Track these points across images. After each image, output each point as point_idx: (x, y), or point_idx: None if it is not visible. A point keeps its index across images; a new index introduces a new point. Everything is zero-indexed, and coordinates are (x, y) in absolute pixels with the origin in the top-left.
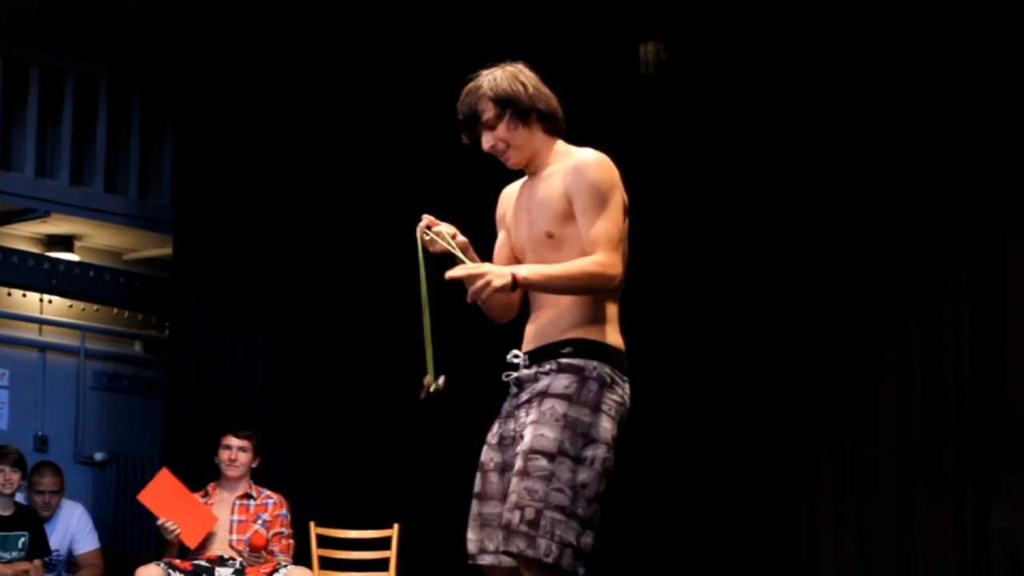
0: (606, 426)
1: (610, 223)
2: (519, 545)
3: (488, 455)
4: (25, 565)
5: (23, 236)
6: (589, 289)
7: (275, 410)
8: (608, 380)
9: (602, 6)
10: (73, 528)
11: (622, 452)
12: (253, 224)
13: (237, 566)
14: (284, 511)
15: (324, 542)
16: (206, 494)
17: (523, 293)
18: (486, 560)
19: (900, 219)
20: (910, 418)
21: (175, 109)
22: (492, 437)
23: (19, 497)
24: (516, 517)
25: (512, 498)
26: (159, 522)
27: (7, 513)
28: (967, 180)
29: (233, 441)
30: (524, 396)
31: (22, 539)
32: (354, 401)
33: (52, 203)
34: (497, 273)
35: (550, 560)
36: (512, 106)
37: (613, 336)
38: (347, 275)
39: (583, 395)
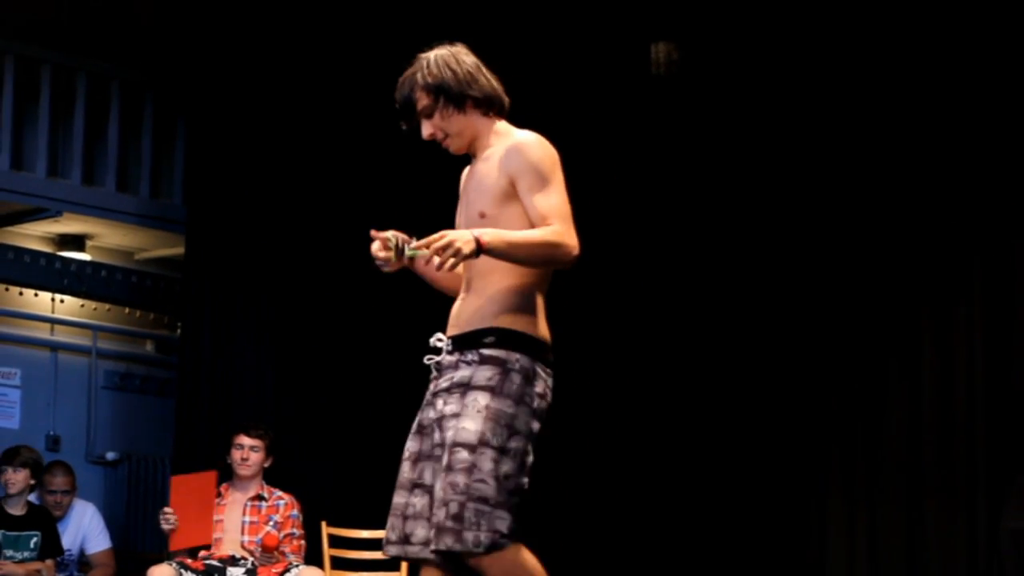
0: (527, 419)
1: (559, 199)
2: (447, 542)
3: (408, 444)
4: (37, 565)
5: (35, 236)
6: (549, 260)
7: (286, 409)
8: (531, 373)
9: (613, 6)
10: (85, 528)
11: (632, 452)
12: (265, 224)
13: (249, 566)
14: (295, 512)
15: (336, 542)
16: (219, 495)
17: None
18: (390, 551)
19: (912, 221)
20: (921, 419)
21: (187, 109)
22: (414, 424)
23: (31, 497)
24: (442, 514)
25: (438, 495)
26: (164, 509)
27: (19, 513)
28: (979, 183)
29: (245, 440)
30: (443, 383)
31: (34, 539)
32: (365, 400)
33: (64, 202)
34: (463, 239)
35: (480, 550)
36: (445, 93)
37: (538, 327)
38: (358, 274)
39: (506, 387)
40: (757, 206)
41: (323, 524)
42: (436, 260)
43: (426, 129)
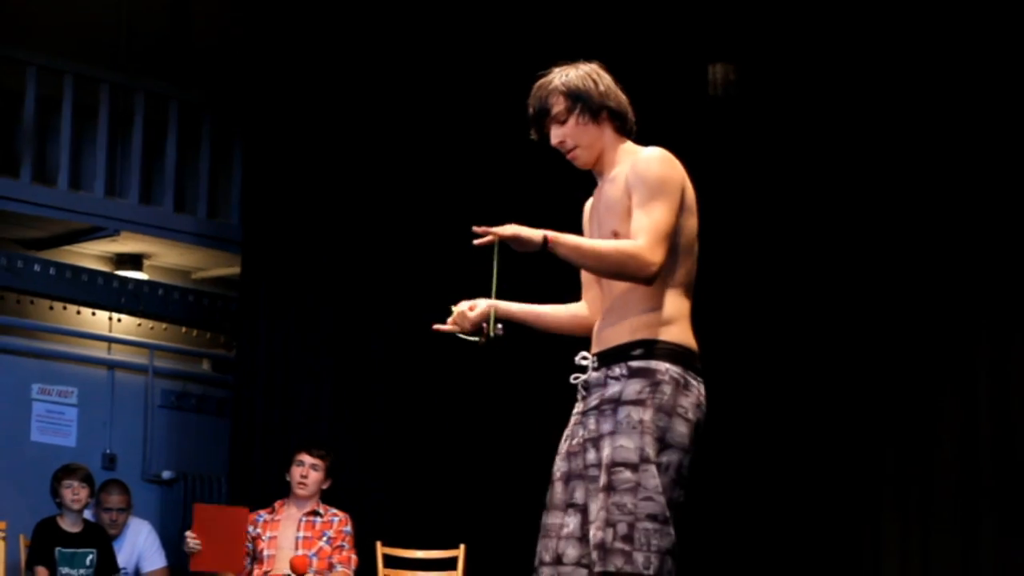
0: (682, 430)
1: (659, 215)
2: (617, 563)
3: (556, 465)
4: None
5: (93, 254)
6: (619, 272)
7: (342, 429)
8: (681, 382)
9: (672, 27)
10: (141, 546)
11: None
12: (320, 243)
13: None
14: (348, 528)
15: (390, 562)
16: (272, 511)
17: (595, 307)
18: (544, 573)
19: (972, 244)
20: (977, 441)
21: (244, 129)
22: (562, 446)
23: (87, 514)
24: (609, 535)
25: (601, 515)
26: (187, 533)
27: (76, 530)
28: None
29: (307, 458)
30: (593, 401)
31: (90, 556)
32: (422, 420)
33: (122, 222)
34: (527, 232)
35: (650, 572)
36: (583, 101)
37: (684, 336)
38: (415, 293)
39: (657, 399)
40: (815, 226)
41: (378, 544)
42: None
43: (556, 136)
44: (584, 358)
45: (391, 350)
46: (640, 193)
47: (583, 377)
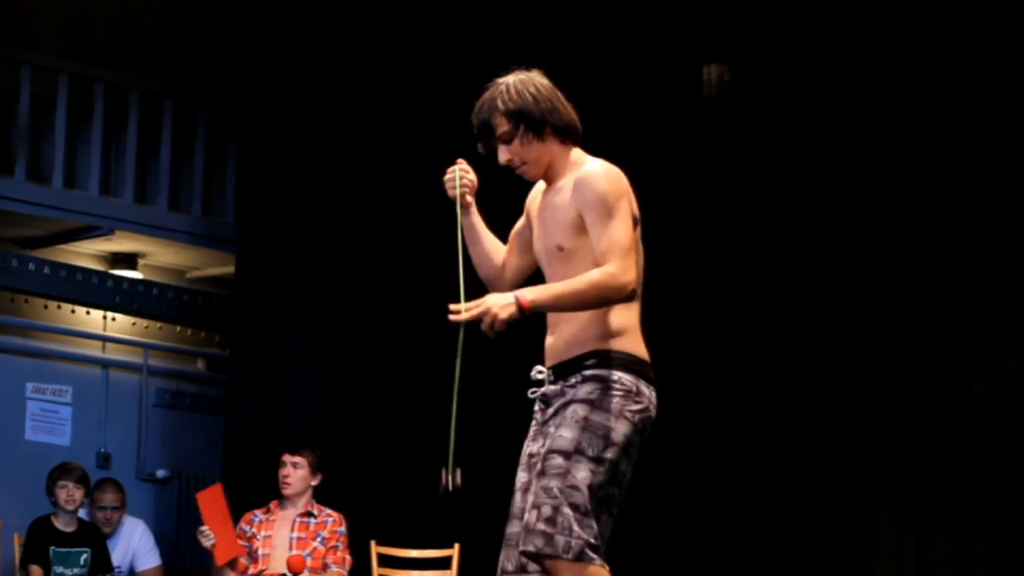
0: (625, 432)
1: (619, 232)
2: (537, 544)
3: (518, 475)
4: None
5: (87, 253)
6: (602, 301)
7: (336, 428)
8: (633, 389)
9: (666, 28)
10: (135, 545)
11: (676, 472)
12: (315, 242)
13: None
14: (342, 528)
15: (385, 561)
16: (268, 511)
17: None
18: None
19: (964, 239)
20: (972, 438)
21: (238, 128)
22: (522, 456)
23: (81, 513)
24: (533, 516)
25: (530, 498)
26: (201, 528)
27: (70, 529)
28: None
29: (287, 458)
30: (550, 412)
31: (84, 555)
32: (416, 418)
33: (116, 221)
34: (500, 304)
35: (569, 556)
36: (526, 121)
37: (635, 346)
38: (410, 293)
39: (605, 401)
40: (808, 226)
41: (372, 543)
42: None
43: (503, 155)
44: (540, 372)
45: (385, 349)
46: (594, 213)
47: (540, 390)
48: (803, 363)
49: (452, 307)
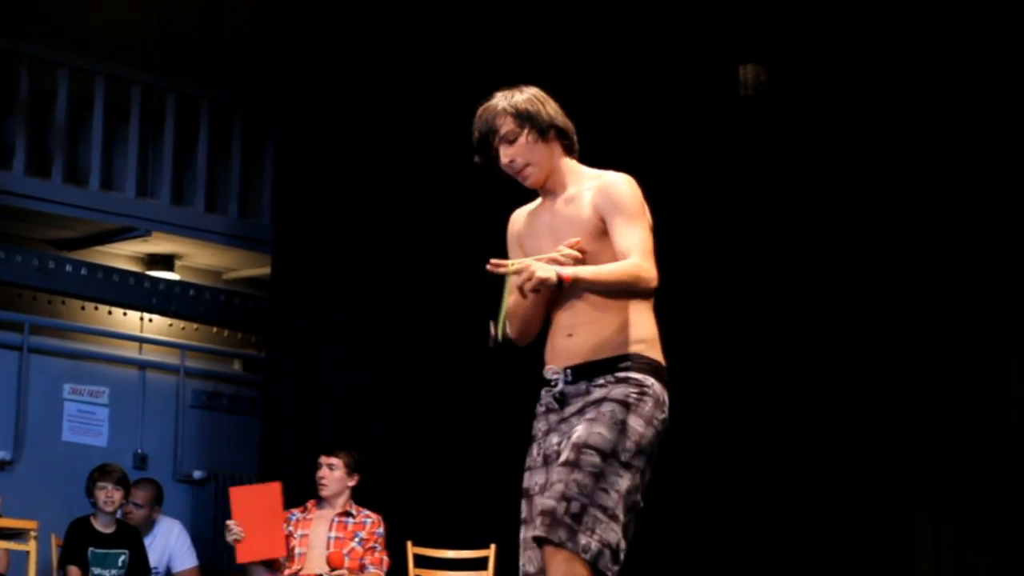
0: (652, 440)
1: (643, 235)
2: (561, 536)
3: (531, 480)
4: None
5: (124, 255)
6: (630, 290)
7: (373, 429)
8: (662, 398)
9: (702, 28)
10: (172, 546)
11: (721, 472)
12: (351, 243)
13: None
14: (380, 529)
15: (421, 561)
16: (305, 509)
17: (543, 314)
18: None
19: (1003, 238)
20: (1008, 435)
21: (275, 129)
22: (532, 461)
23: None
24: (562, 508)
25: (558, 487)
26: (228, 522)
27: (109, 531)
28: None
29: (323, 460)
30: (571, 409)
31: (123, 557)
32: (453, 420)
33: (153, 222)
34: (541, 267)
35: (588, 557)
36: (532, 121)
37: (659, 353)
38: (447, 292)
39: (641, 407)
40: (845, 226)
41: (408, 544)
42: (525, 287)
43: (506, 155)
44: (555, 372)
45: (421, 349)
46: (619, 215)
47: (556, 389)
48: (843, 363)
49: (494, 261)
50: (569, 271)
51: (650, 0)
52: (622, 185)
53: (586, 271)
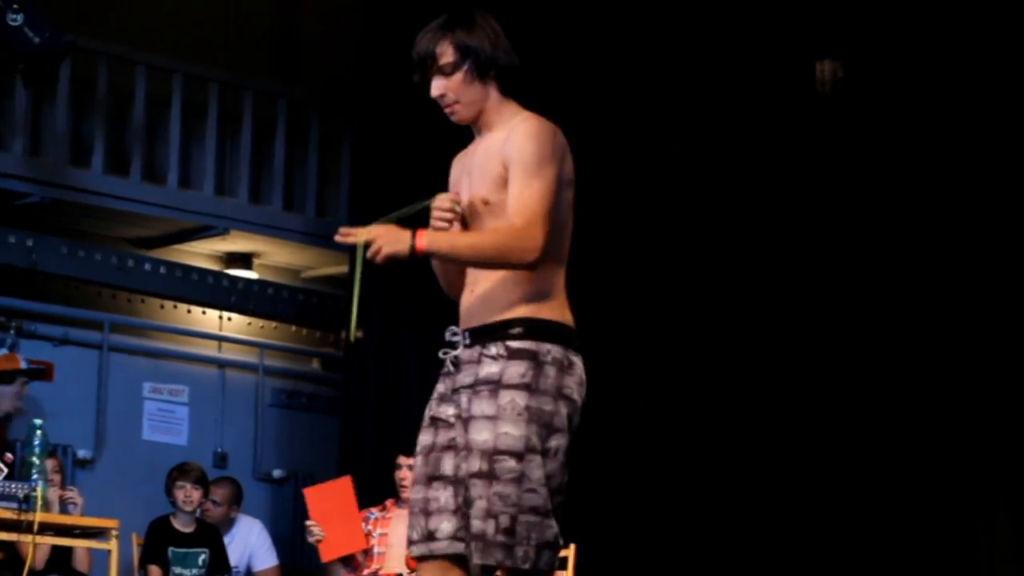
0: (567, 412)
1: (535, 195)
2: (497, 557)
3: (420, 437)
4: None
5: (203, 253)
6: (501, 261)
7: None
8: (565, 362)
9: (779, 24)
10: (252, 544)
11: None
12: None
13: None
14: None
15: None
16: (384, 508)
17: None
18: (415, 551)
19: None
20: None
21: (352, 127)
22: (425, 419)
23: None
24: (491, 527)
25: (481, 504)
26: (307, 522)
27: (188, 530)
28: None
29: (403, 460)
30: (465, 379)
31: (203, 556)
32: None
33: (231, 221)
34: (390, 239)
35: (527, 567)
36: (474, 56)
37: (562, 312)
38: None
39: (541, 382)
40: (920, 221)
41: None
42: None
43: (437, 88)
44: (454, 334)
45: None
46: (516, 167)
47: (453, 353)
48: (928, 361)
49: (343, 229)
50: (425, 241)
51: None
52: (528, 136)
53: (445, 242)
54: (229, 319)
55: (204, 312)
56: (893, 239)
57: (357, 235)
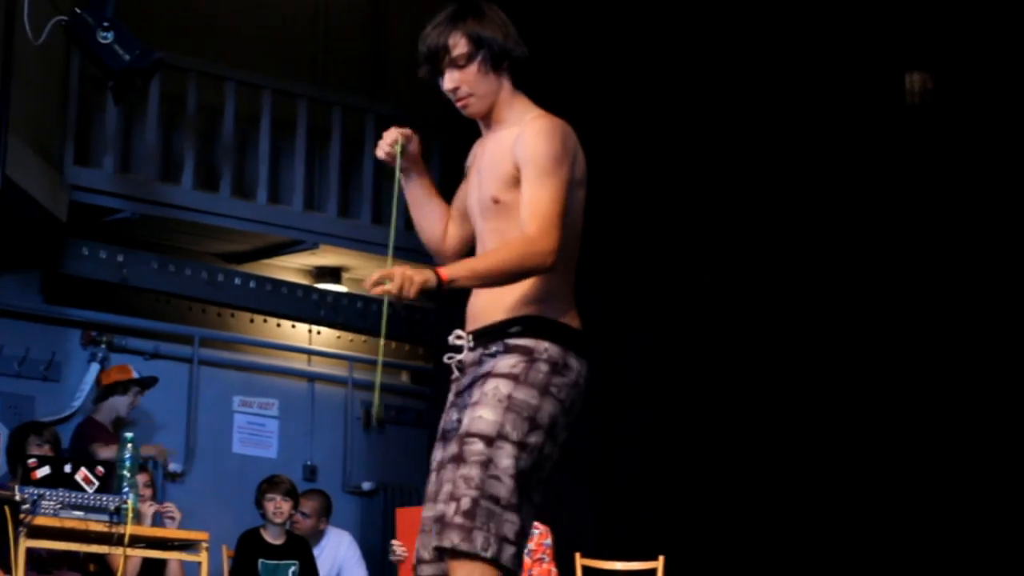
0: (551, 411)
1: (547, 197)
2: (453, 539)
3: (433, 453)
4: None
5: (292, 268)
6: (523, 274)
7: None
8: (560, 362)
9: (869, 36)
10: (341, 557)
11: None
12: None
13: None
14: (549, 540)
15: (589, 573)
16: None
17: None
18: (424, 571)
19: None
20: None
21: (440, 141)
22: (438, 434)
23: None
24: (451, 509)
25: (447, 488)
26: (392, 542)
27: (279, 542)
28: None
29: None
30: (466, 381)
31: (293, 568)
32: (620, 430)
33: (320, 235)
34: (417, 272)
35: (488, 555)
36: (487, 47)
37: (567, 313)
38: (608, 295)
39: (530, 376)
40: (1014, 234)
41: (577, 555)
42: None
43: (450, 81)
44: (459, 337)
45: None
46: (529, 168)
47: (458, 357)
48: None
49: (373, 278)
50: (447, 273)
51: (817, 8)
52: (540, 134)
53: (463, 269)
54: (318, 332)
55: (293, 326)
56: (981, 252)
57: (389, 284)
